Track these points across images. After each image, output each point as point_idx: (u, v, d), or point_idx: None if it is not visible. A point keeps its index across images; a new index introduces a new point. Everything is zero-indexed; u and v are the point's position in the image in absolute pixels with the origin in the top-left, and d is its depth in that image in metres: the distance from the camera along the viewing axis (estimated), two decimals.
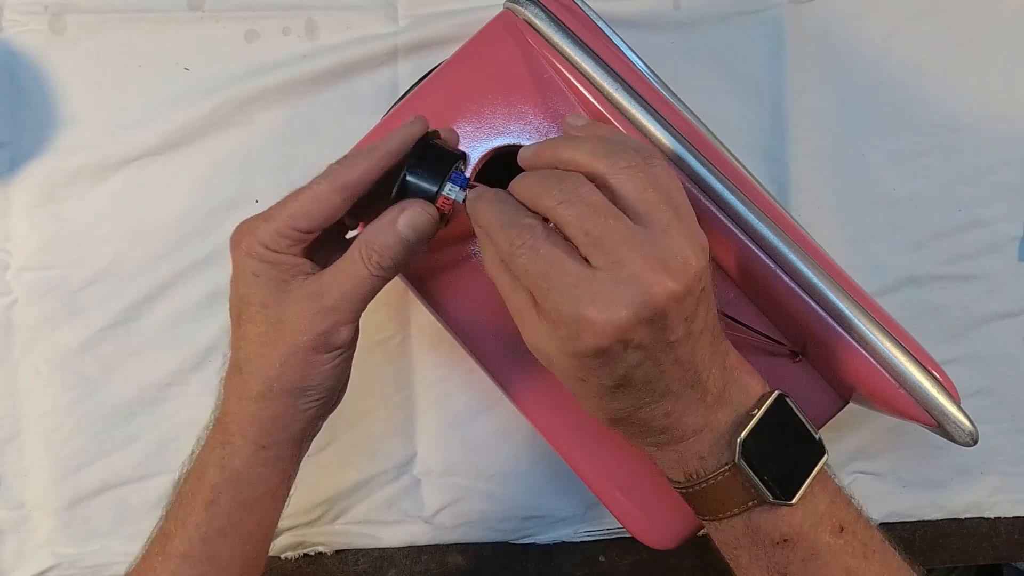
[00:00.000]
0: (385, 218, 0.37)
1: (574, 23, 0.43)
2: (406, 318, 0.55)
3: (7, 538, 0.54)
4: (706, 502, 0.37)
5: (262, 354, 0.37)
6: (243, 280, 0.37)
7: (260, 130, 0.54)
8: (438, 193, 0.37)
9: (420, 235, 0.37)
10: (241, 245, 0.37)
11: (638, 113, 0.42)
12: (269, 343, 0.37)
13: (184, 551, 0.38)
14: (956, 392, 0.41)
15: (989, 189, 0.56)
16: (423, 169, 0.37)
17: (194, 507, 0.39)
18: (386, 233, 0.36)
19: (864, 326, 0.40)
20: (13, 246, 0.54)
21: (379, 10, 0.55)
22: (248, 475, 0.38)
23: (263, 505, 0.39)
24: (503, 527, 0.56)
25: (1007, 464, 0.57)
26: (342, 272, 0.37)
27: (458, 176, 0.38)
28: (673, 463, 0.37)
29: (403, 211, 0.37)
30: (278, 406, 0.37)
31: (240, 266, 0.37)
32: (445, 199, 0.37)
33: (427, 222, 0.37)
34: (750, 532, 0.36)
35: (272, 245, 0.37)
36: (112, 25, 0.54)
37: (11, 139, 0.54)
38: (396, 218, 0.37)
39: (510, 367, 0.44)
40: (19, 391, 0.54)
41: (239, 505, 0.38)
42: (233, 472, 0.38)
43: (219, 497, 0.38)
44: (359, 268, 0.36)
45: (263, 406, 0.37)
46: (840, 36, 0.56)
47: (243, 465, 0.38)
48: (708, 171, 0.41)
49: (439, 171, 0.37)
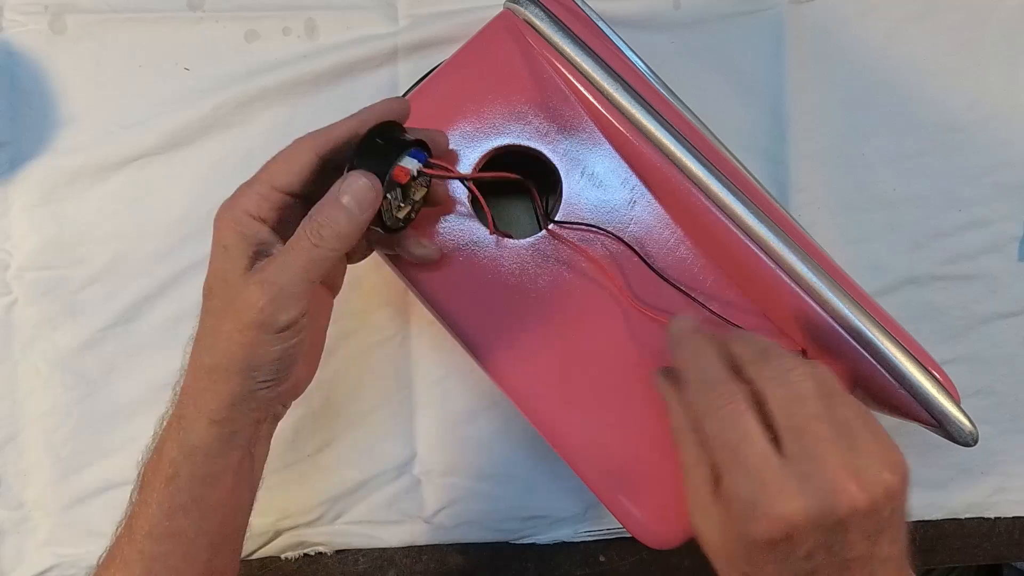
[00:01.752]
0: (330, 191, 0.37)
1: (574, 23, 0.43)
2: (406, 318, 0.55)
3: (7, 538, 0.54)
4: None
5: (215, 328, 0.37)
6: (215, 254, 0.38)
7: (260, 130, 0.54)
8: (390, 168, 0.37)
9: (362, 205, 0.37)
10: (223, 218, 0.37)
11: (638, 113, 0.42)
12: (223, 317, 0.37)
13: (148, 529, 0.38)
14: (956, 392, 0.41)
15: (989, 189, 0.56)
16: (371, 151, 0.38)
17: (155, 485, 0.39)
18: (329, 205, 0.36)
19: (864, 326, 0.40)
20: (13, 246, 0.54)
21: (379, 10, 0.55)
22: (204, 449, 0.38)
23: (223, 482, 0.39)
24: (503, 527, 0.56)
25: (1007, 464, 0.57)
26: (288, 249, 0.37)
27: (418, 153, 0.38)
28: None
29: (343, 181, 0.37)
30: (227, 382, 0.37)
31: (215, 239, 0.38)
32: (402, 168, 0.38)
33: (368, 191, 0.37)
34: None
35: (255, 211, 0.37)
36: (112, 25, 0.54)
37: (11, 139, 0.54)
38: (338, 190, 0.37)
39: (510, 367, 0.44)
40: (19, 391, 0.54)
41: (199, 480, 0.38)
42: (189, 447, 0.38)
43: (178, 471, 0.38)
44: (303, 242, 0.36)
45: (213, 380, 0.37)
46: (840, 36, 0.56)
47: (198, 439, 0.38)
48: (708, 171, 0.41)
49: (390, 151, 0.38)
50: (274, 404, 0.40)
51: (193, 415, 0.38)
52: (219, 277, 0.37)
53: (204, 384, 0.38)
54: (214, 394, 0.38)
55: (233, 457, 0.39)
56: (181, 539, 0.39)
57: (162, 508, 0.38)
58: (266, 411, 0.40)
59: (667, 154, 0.41)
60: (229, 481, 0.39)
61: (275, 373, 0.38)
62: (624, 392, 0.44)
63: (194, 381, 0.38)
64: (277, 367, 0.38)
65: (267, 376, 0.38)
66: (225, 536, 0.40)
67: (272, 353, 0.37)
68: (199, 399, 0.38)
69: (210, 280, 0.38)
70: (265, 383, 0.38)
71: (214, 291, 0.38)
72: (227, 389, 0.37)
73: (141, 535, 0.39)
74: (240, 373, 0.37)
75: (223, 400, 0.37)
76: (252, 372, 0.37)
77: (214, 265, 0.38)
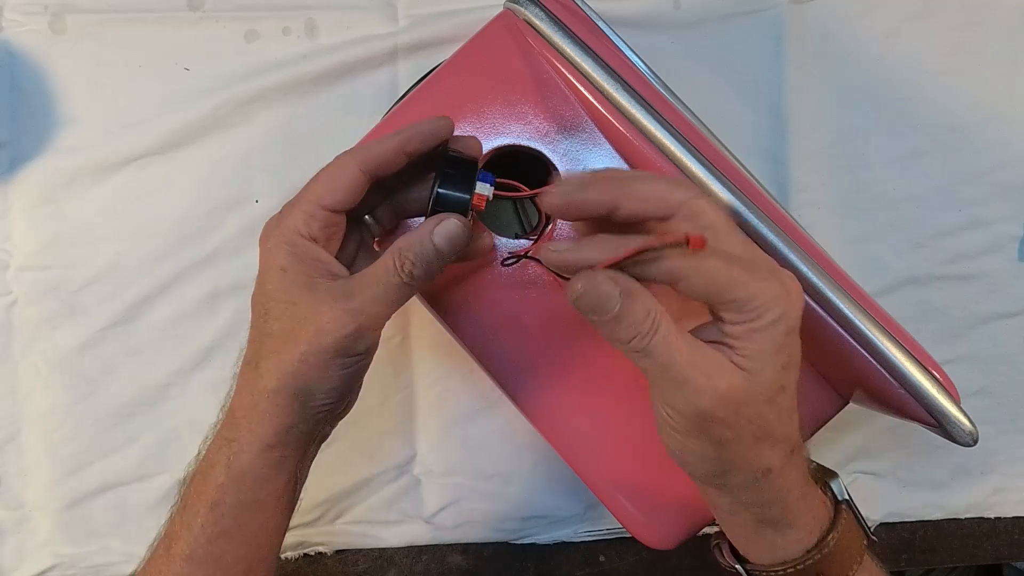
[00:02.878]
0: (421, 229, 0.37)
1: (574, 23, 0.43)
2: (406, 318, 0.55)
3: (7, 538, 0.54)
4: (836, 561, 0.36)
5: (281, 350, 0.37)
6: (270, 275, 0.37)
7: (260, 130, 0.54)
8: (470, 200, 0.38)
9: (453, 246, 0.37)
10: (270, 238, 0.37)
11: (638, 113, 0.42)
12: (291, 340, 0.36)
13: (189, 553, 0.38)
14: (956, 392, 0.41)
15: (989, 189, 0.56)
16: (452, 180, 0.38)
17: (199, 508, 0.38)
18: (421, 242, 0.37)
19: (864, 326, 0.40)
20: (13, 246, 0.54)
21: (379, 10, 0.55)
22: (253, 475, 0.38)
23: (267, 507, 0.39)
24: (503, 527, 0.56)
25: (1007, 464, 0.58)
26: (373, 277, 0.37)
27: (486, 175, 0.39)
28: (806, 516, 0.36)
29: (439, 222, 0.37)
30: (288, 405, 0.37)
31: (268, 261, 0.37)
32: (479, 196, 0.38)
33: (461, 233, 0.37)
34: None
35: (303, 230, 0.37)
36: (112, 25, 0.54)
37: (11, 139, 0.54)
38: (432, 228, 0.37)
39: (510, 367, 0.44)
40: (19, 391, 0.54)
41: (244, 506, 0.38)
42: (238, 472, 0.38)
43: (224, 497, 0.38)
44: (391, 275, 0.36)
45: (274, 403, 0.37)
46: (840, 36, 0.56)
47: (248, 464, 0.38)
48: (708, 171, 0.41)
49: (466, 179, 0.38)
50: (325, 427, 0.40)
51: (247, 439, 0.38)
52: (280, 299, 0.37)
53: (264, 407, 0.37)
54: (273, 417, 0.37)
55: (280, 482, 0.39)
56: (220, 564, 0.38)
57: (205, 533, 0.38)
58: (318, 433, 0.40)
59: (667, 154, 0.41)
60: (272, 506, 0.39)
61: (337, 396, 0.38)
62: (624, 392, 0.44)
63: (250, 403, 0.38)
64: (341, 391, 0.38)
65: (330, 399, 0.38)
66: (261, 559, 0.40)
67: (340, 377, 0.37)
68: (256, 423, 0.37)
69: (267, 302, 0.37)
70: (325, 406, 0.38)
71: (274, 313, 0.37)
72: (287, 412, 0.37)
73: (181, 558, 0.38)
74: (304, 395, 0.37)
75: (283, 424, 0.37)
76: (317, 395, 0.37)
77: (271, 286, 0.37)
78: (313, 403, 0.37)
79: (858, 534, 0.37)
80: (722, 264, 0.32)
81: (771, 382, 0.33)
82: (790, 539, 0.36)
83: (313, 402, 0.37)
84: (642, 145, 0.42)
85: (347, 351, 0.36)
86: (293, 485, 0.40)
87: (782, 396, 0.33)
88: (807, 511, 0.36)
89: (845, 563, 0.36)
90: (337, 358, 0.36)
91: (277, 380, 0.37)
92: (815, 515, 0.36)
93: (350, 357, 0.37)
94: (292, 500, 0.41)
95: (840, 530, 0.36)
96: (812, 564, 0.36)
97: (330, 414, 0.39)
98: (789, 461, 0.35)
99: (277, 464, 0.38)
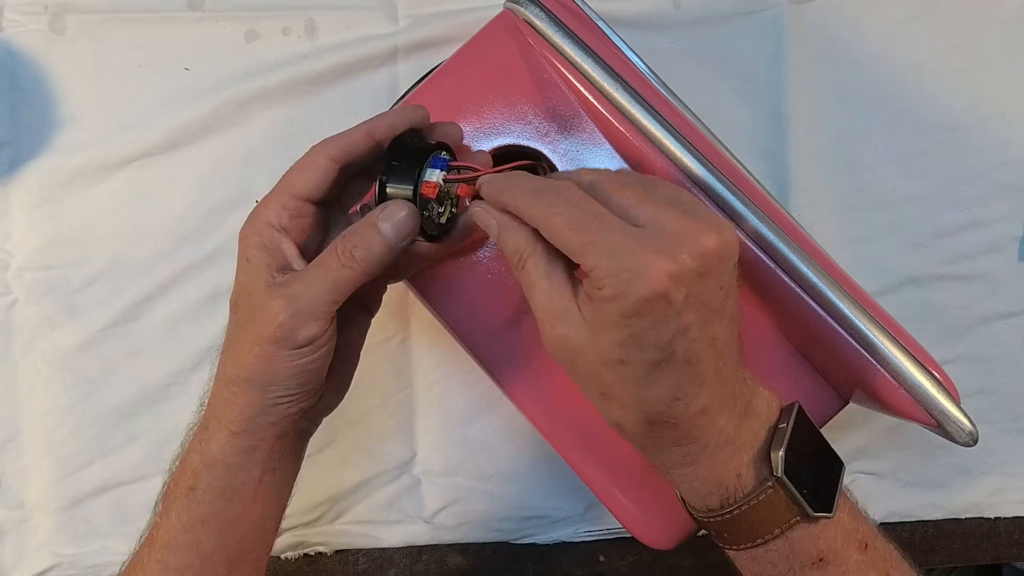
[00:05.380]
0: (368, 216, 0.37)
1: (574, 23, 0.43)
2: (406, 318, 0.55)
3: (7, 538, 0.54)
4: (744, 527, 0.36)
5: (241, 340, 0.37)
6: (240, 266, 0.38)
7: (260, 130, 0.54)
8: (416, 186, 0.37)
9: (399, 231, 0.37)
10: (243, 229, 0.38)
11: (638, 113, 0.42)
12: (248, 330, 0.37)
13: (168, 540, 0.38)
14: (956, 392, 0.41)
15: (989, 189, 0.56)
16: (398, 169, 0.38)
17: (176, 495, 0.39)
18: (365, 228, 0.37)
19: (864, 326, 0.40)
20: (13, 246, 0.54)
21: (379, 10, 0.55)
22: (225, 462, 0.38)
23: (243, 498, 0.39)
24: (503, 527, 0.56)
25: (1007, 464, 0.57)
26: (315, 266, 0.37)
27: (437, 160, 0.38)
28: (706, 486, 0.36)
29: (384, 209, 0.37)
30: (246, 394, 0.37)
31: (239, 252, 0.38)
32: (427, 184, 0.37)
33: (408, 219, 0.37)
34: (785, 556, 0.35)
35: (274, 220, 0.37)
36: (112, 25, 0.54)
37: (11, 139, 0.54)
38: (376, 215, 0.37)
39: (510, 367, 0.44)
40: (19, 391, 0.54)
41: (218, 494, 0.38)
42: (211, 458, 0.38)
43: (198, 483, 0.38)
44: (332, 261, 0.36)
45: (233, 391, 0.38)
46: (840, 36, 0.56)
47: (219, 451, 0.38)
48: (708, 171, 0.41)
49: (414, 165, 0.38)
50: (297, 420, 0.39)
51: (215, 426, 0.38)
52: (244, 290, 0.38)
53: (225, 395, 0.38)
54: (233, 406, 0.38)
55: (254, 472, 0.39)
56: (199, 552, 0.38)
57: (181, 519, 0.38)
58: (288, 426, 0.39)
59: (667, 154, 0.41)
60: (249, 496, 0.39)
61: (294, 389, 0.38)
62: None
63: (216, 392, 0.38)
64: (296, 383, 0.37)
65: (285, 392, 0.37)
66: (243, 552, 0.40)
67: (289, 369, 0.37)
68: (220, 410, 0.38)
69: (236, 292, 0.38)
70: (283, 398, 0.38)
71: (239, 303, 0.38)
72: (245, 401, 0.37)
73: (160, 545, 0.39)
74: (258, 386, 0.37)
75: (242, 412, 0.38)
76: (269, 386, 0.37)
77: (240, 278, 0.38)
78: (270, 394, 0.37)
79: (782, 508, 0.35)
80: (565, 226, 0.32)
81: (605, 352, 0.32)
82: (689, 496, 0.37)
83: (270, 393, 0.37)
84: (642, 145, 0.42)
85: (288, 341, 0.36)
86: (272, 478, 0.40)
87: (623, 368, 0.33)
88: (693, 479, 0.36)
89: (755, 531, 0.35)
90: (281, 349, 0.36)
91: (233, 369, 0.38)
92: (718, 484, 0.36)
93: (295, 349, 0.36)
94: (277, 495, 0.41)
95: (757, 503, 0.35)
96: (716, 522, 0.36)
97: (293, 406, 0.38)
98: (649, 432, 0.35)
99: (246, 452, 0.38)
